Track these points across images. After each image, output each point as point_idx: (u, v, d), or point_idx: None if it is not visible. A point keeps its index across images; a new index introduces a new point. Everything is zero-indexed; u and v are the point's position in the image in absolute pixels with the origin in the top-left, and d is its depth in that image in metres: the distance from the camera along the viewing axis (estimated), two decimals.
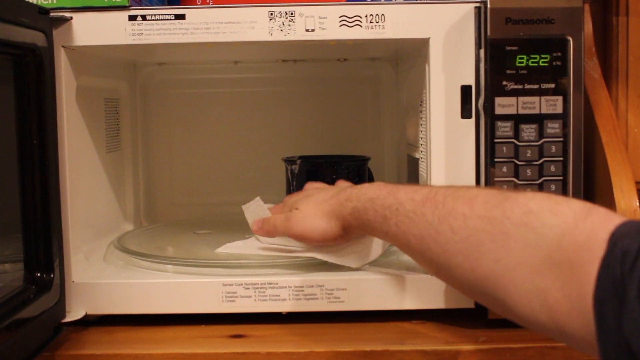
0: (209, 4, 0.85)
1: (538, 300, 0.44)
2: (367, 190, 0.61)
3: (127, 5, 0.68)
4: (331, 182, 0.87)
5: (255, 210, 0.78)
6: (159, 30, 0.68)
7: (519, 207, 0.46)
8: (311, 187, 0.77)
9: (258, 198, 0.78)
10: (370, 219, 0.59)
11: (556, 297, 0.42)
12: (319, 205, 0.66)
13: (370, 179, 0.93)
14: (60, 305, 0.67)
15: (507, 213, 0.47)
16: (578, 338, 0.42)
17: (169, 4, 0.87)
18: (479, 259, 0.48)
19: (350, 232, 0.65)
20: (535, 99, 0.67)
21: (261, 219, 0.74)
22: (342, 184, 0.76)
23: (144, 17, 0.68)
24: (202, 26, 0.68)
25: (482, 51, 0.67)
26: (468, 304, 0.69)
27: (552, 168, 0.68)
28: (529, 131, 0.67)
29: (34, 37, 0.62)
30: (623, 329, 0.37)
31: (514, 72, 0.67)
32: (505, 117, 0.67)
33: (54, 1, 0.68)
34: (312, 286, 0.69)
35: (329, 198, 0.66)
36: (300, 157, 0.90)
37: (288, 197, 0.75)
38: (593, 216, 0.43)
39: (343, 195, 0.64)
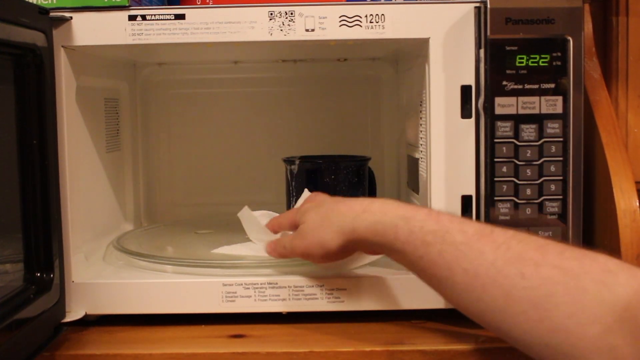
0: (208, 3, 0.85)
1: (609, 356, 0.44)
2: (394, 207, 0.58)
3: (127, 5, 0.68)
4: (330, 182, 0.87)
5: (249, 218, 0.78)
6: (158, 30, 0.68)
7: (598, 265, 0.47)
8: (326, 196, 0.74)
9: (246, 207, 0.78)
10: (400, 239, 0.56)
11: (625, 354, 0.43)
12: (327, 216, 0.63)
13: (372, 180, 0.93)
14: (60, 305, 0.67)
15: (586, 268, 0.47)
16: None
17: (169, 4, 0.87)
18: (549, 310, 0.47)
19: (357, 246, 0.62)
20: (535, 99, 0.67)
21: (274, 242, 0.71)
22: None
23: (143, 17, 0.68)
24: (202, 26, 0.68)
25: (482, 51, 0.67)
26: None
27: (552, 168, 0.68)
28: (528, 131, 0.67)
29: (34, 37, 0.62)
30: None
31: (513, 72, 0.67)
32: (505, 117, 0.67)
33: (54, 1, 0.68)
34: (312, 286, 0.69)
35: (340, 207, 0.62)
36: (300, 157, 0.90)
37: (303, 202, 0.74)
38: None
39: (358, 206, 0.60)
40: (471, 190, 0.69)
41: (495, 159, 0.68)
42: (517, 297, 0.48)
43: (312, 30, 0.68)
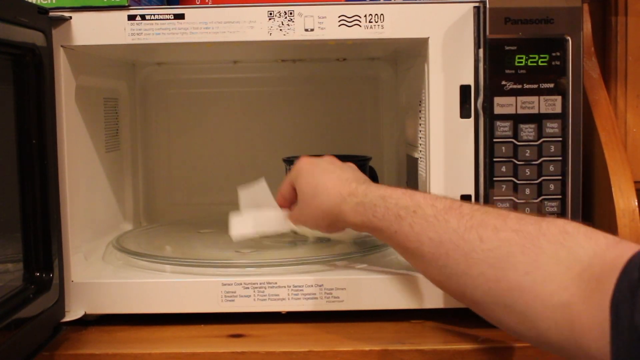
0: (208, 3, 0.85)
1: (562, 314, 0.45)
2: (376, 188, 0.62)
3: (126, 5, 0.68)
4: None
5: (257, 193, 0.77)
6: (158, 30, 0.68)
7: (556, 227, 0.48)
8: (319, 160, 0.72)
9: (263, 179, 0.78)
10: (377, 216, 0.59)
11: (579, 310, 0.43)
12: (317, 191, 0.66)
13: (374, 179, 0.93)
14: (59, 305, 0.67)
15: (544, 230, 0.48)
16: (594, 350, 0.42)
17: (168, 4, 0.87)
18: (506, 270, 0.48)
19: (344, 224, 0.65)
20: (534, 98, 0.67)
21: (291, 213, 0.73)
22: (350, 166, 0.71)
23: (143, 17, 0.68)
24: (201, 26, 0.68)
25: (481, 51, 0.67)
26: None
27: (551, 168, 0.68)
28: (528, 131, 0.67)
29: (33, 37, 0.62)
30: (634, 320, 0.38)
31: (513, 71, 0.67)
32: (504, 117, 0.67)
33: (53, 1, 0.68)
34: (311, 285, 0.69)
35: (329, 185, 0.65)
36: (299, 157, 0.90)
37: (297, 162, 0.72)
38: (624, 243, 0.45)
39: (346, 189, 0.63)
40: (470, 190, 0.69)
41: (495, 159, 0.68)
42: (476, 259, 0.50)
43: (312, 30, 0.68)
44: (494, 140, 0.68)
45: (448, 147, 0.69)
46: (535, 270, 0.47)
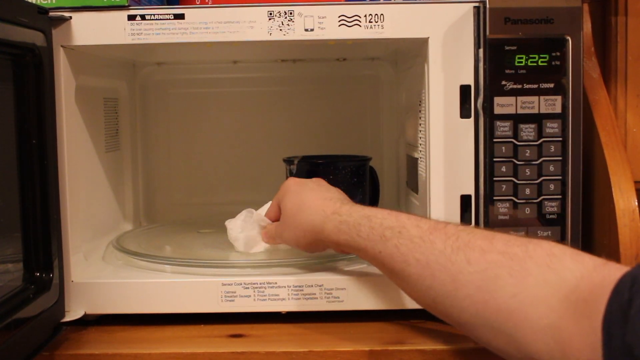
0: (208, 3, 0.85)
1: (552, 336, 0.45)
2: (360, 208, 0.62)
3: (126, 4, 0.68)
4: (329, 182, 0.87)
5: (246, 220, 0.77)
6: (158, 29, 0.68)
7: (542, 249, 0.48)
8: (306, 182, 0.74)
9: (250, 209, 0.78)
10: (361, 235, 0.59)
11: (570, 333, 0.43)
12: (301, 209, 0.66)
13: (374, 180, 0.93)
14: (59, 305, 0.67)
15: (530, 253, 0.48)
16: None
17: (168, 4, 0.87)
18: (493, 292, 0.48)
19: (325, 244, 0.65)
20: (534, 98, 0.67)
21: (265, 231, 0.75)
22: (337, 189, 0.72)
23: (143, 17, 0.68)
24: (201, 26, 0.68)
25: (481, 51, 0.67)
26: None
27: (551, 168, 0.68)
28: (527, 131, 0.67)
29: (33, 37, 0.62)
30: (626, 338, 0.38)
31: (513, 71, 0.67)
32: (504, 117, 0.67)
33: (53, 1, 0.68)
34: (312, 286, 0.69)
35: (313, 203, 0.65)
36: (299, 157, 0.90)
37: (285, 182, 0.74)
38: (610, 265, 0.45)
39: (330, 207, 0.64)
40: (470, 190, 0.69)
41: (495, 159, 0.68)
42: (463, 281, 0.50)
43: (312, 30, 0.68)
44: (494, 140, 0.68)
45: (448, 147, 0.69)
46: (523, 292, 0.47)
